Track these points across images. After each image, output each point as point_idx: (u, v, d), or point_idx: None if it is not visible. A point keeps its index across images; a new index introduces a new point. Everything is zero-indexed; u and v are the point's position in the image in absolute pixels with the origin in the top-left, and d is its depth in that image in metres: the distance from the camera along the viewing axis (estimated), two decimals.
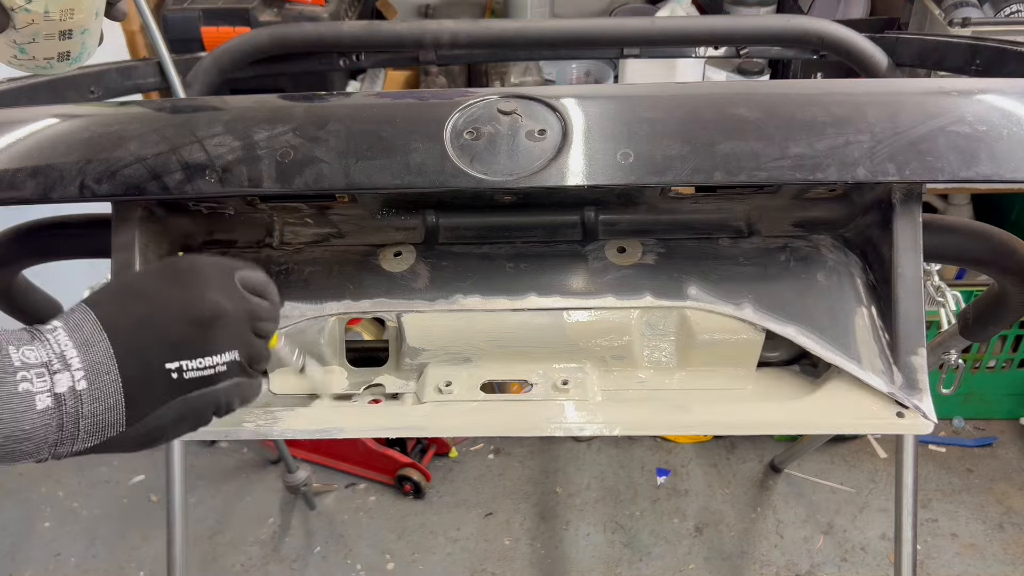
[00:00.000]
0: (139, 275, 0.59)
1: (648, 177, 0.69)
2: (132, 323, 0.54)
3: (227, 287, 0.59)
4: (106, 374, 0.52)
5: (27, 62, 0.78)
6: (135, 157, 0.71)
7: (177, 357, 0.55)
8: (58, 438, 0.51)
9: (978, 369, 2.11)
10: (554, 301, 0.82)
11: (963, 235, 0.84)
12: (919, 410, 0.76)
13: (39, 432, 0.50)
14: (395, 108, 0.76)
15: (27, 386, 0.49)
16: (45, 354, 0.50)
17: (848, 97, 0.72)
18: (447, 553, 1.95)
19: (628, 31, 1.27)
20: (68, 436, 0.51)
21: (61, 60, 0.79)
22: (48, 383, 0.50)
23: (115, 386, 0.52)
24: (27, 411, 0.49)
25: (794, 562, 1.90)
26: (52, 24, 0.74)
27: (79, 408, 0.51)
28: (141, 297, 0.56)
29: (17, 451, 0.50)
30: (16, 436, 0.49)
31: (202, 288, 0.57)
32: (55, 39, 0.76)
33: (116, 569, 1.95)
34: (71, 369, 0.51)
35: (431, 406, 0.82)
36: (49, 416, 0.50)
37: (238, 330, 0.59)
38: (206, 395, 0.57)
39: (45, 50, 0.77)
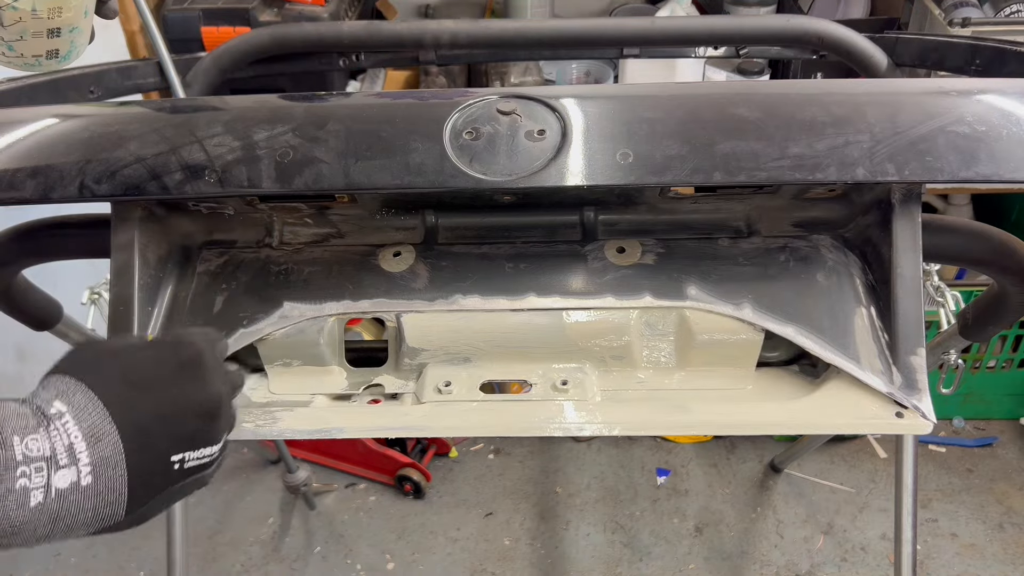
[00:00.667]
0: (141, 360, 0.57)
1: (648, 177, 0.69)
2: (141, 416, 0.53)
3: (220, 369, 0.60)
4: (113, 469, 0.51)
5: (15, 59, 0.78)
6: (135, 157, 0.71)
7: (182, 449, 0.55)
8: (49, 531, 0.49)
9: (978, 369, 2.11)
10: (553, 301, 0.82)
11: (963, 235, 0.84)
12: (918, 410, 0.76)
13: (28, 527, 0.48)
14: (395, 108, 0.76)
15: (24, 482, 0.47)
16: (50, 447, 0.48)
17: (848, 97, 0.72)
18: (447, 553, 1.95)
19: (628, 31, 1.27)
20: (61, 529, 0.49)
21: (50, 58, 0.79)
22: (45, 478, 0.48)
23: (122, 480, 0.51)
24: (20, 508, 0.47)
25: (794, 562, 1.90)
26: (40, 22, 0.74)
27: (81, 503, 0.49)
28: (149, 388, 0.54)
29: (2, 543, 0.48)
30: (4, 531, 0.47)
31: (207, 379, 0.57)
32: (43, 37, 0.76)
33: (116, 569, 1.95)
34: (79, 464, 0.49)
35: (431, 406, 0.82)
36: (41, 511, 0.48)
37: (231, 412, 0.60)
38: (199, 479, 0.58)
39: (33, 48, 0.77)
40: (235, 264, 0.87)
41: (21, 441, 0.47)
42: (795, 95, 0.74)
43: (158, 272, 0.83)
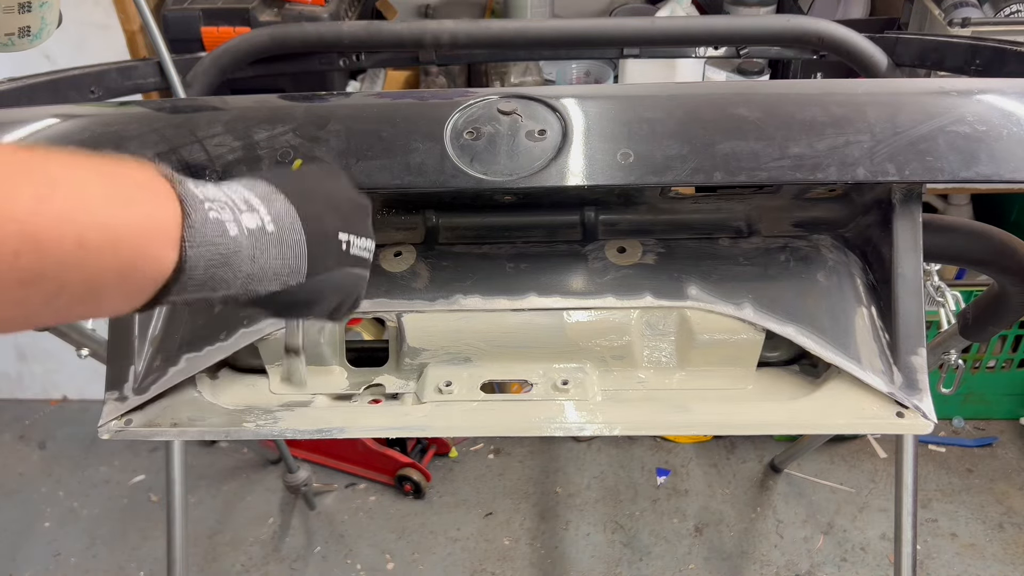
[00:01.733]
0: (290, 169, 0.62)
1: (648, 177, 0.69)
2: (307, 191, 0.56)
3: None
4: (290, 223, 0.54)
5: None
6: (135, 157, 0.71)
7: (347, 230, 0.59)
8: (251, 269, 0.52)
9: (978, 369, 2.11)
10: (554, 301, 0.82)
11: (963, 235, 0.84)
12: (919, 410, 0.76)
13: (234, 259, 0.50)
14: (395, 108, 0.76)
15: (216, 215, 0.49)
16: (225, 196, 0.51)
17: (848, 97, 0.72)
18: (447, 553, 1.95)
19: (628, 31, 1.27)
20: (259, 270, 0.52)
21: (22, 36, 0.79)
22: (233, 215, 0.51)
23: (300, 236, 0.54)
24: (223, 236, 0.49)
25: (794, 562, 1.90)
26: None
27: (269, 246, 0.52)
28: (306, 177, 0.59)
29: (216, 277, 0.50)
30: (215, 260, 0.49)
31: (350, 183, 0.62)
32: (15, 12, 0.76)
33: (116, 569, 1.95)
34: (259, 212, 0.52)
35: (431, 406, 0.82)
36: (240, 243, 0.51)
37: (371, 227, 0.63)
38: (359, 275, 0.61)
39: (6, 25, 0.77)
40: None
41: (196, 187, 0.50)
42: (795, 95, 0.74)
43: None
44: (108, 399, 0.80)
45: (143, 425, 0.79)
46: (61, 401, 2.41)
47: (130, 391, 0.80)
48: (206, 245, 0.49)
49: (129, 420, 0.79)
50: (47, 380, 2.38)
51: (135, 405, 0.80)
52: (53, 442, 2.28)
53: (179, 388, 0.81)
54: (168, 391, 0.80)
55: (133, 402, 0.80)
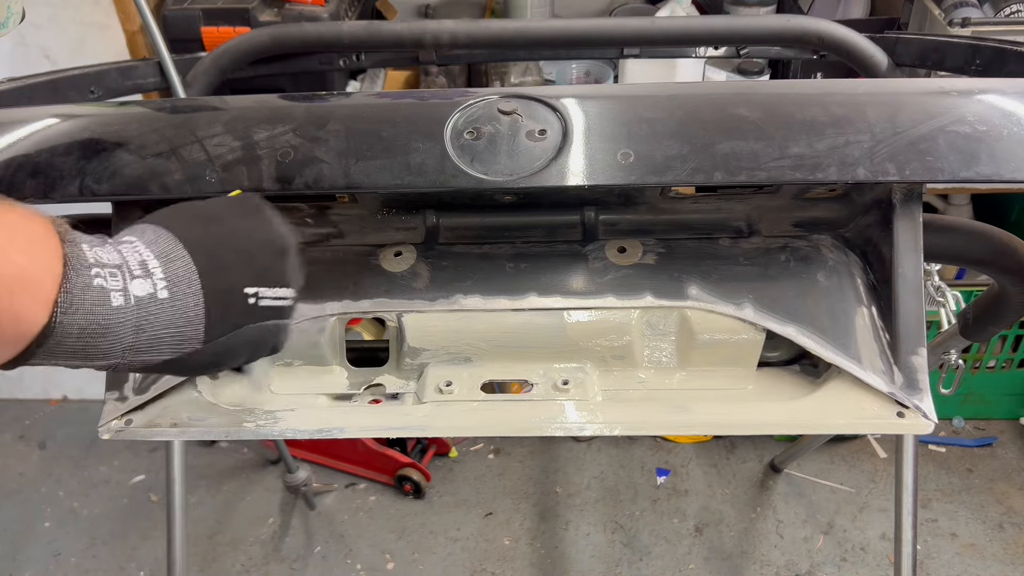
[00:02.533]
0: (206, 203, 0.58)
1: (648, 177, 0.69)
2: (212, 244, 0.54)
3: (287, 225, 0.60)
4: (187, 287, 0.51)
5: None
6: (135, 157, 0.71)
7: (255, 283, 0.55)
8: (134, 341, 0.49)
9: (978, 369, 2.11)
10: (554, 301, 0.82)
11: (963, 235, 0.84)
12: (919, 410, 0.76)
13: (115, 330, 0.48)
14: (395, 108, 0.76)
15: (101, 282, 0.47)
16: (120, 258, 0.49)
17: (848, 97, 0.72)
18: (447, 553, 1.95)
19: (628, 31, 1.27)
20: (145, 343, 0.50)
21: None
22: (122, 283, 0.48)
23: (197, 300, 0.52)
24: (102, 306, 0.47)
25: (794, 562, 1.90)
26: None
27: (159, 315, 0.50)
28: (219, 221, 0.56)
29: (93, 347, 0.48)
30: (91, 330, 0.47)
31: (274, 221, 0.58)
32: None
33: (116, 569, 1.95)
34: (153, 277, 0.50)
35: (431, 406, 0.82)
36: (125, 315, 0.48)
37: (298, 266, 0.60)
38: (272, 327, 0.57)
39: None
40: None
41: (90, 248, 0.48)
42: (795, 95, 0.74)
43: None
44: (108, 399, 0.80)
45: (143, 425, 0.79)
46: (61, 401, 2.41)
47: (130, 391, 0.80)
48: (82, 313, 0.46)
49: (129, 420, 0.79)
50: (47, 380, 2.38)
51: (135, 405, 0.80)
52: (53, 442, 2.28)
53: (179, 388, 0.81)
54: (168, 391, 0.80)
55: (133, 402, 0.80)
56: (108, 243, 0.50)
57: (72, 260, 0.47)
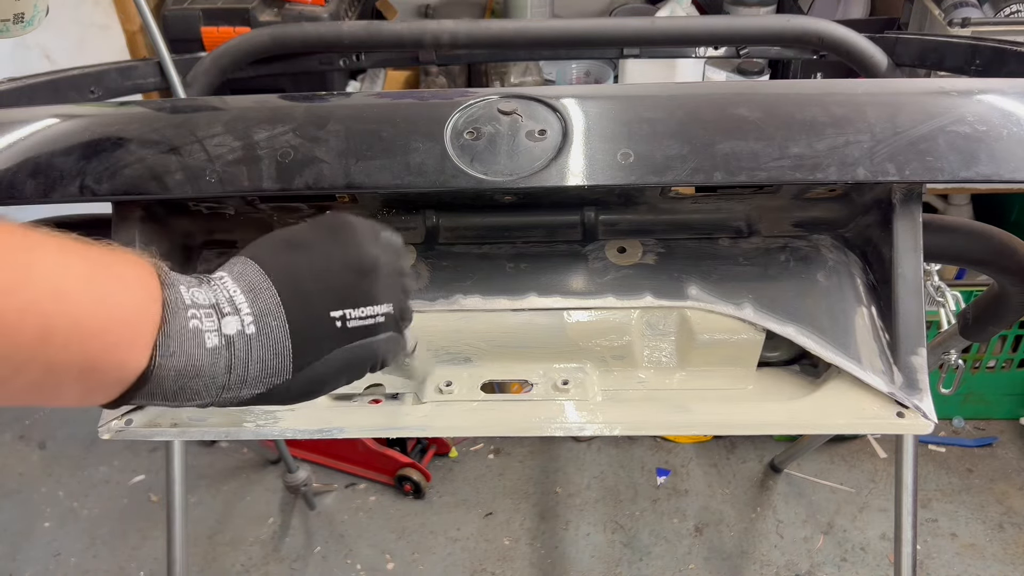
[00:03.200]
0: (295, 229, 0.58)
1: (648, 177, 0.69)
2: (296, 272, 0.54)
3: (379, 241, 0.60)
4: (274, 320, 0.52)
5: None
6: (135, 157, 0.71)
7: (341, 305, 0.55)
8: (227, 380, 0.50)
9: (978, 369, 2.11)
10: (554, 301, 0.82)
11: (963, 235, 0.84)
12: (919, 410, 0.76)
13: (209, 370, 0.49)
14: (395, 108, 0.76)
15: (197, 324, 0.48)
16: (213, 296, 0.50)
17: (848, 97, 0.72)
18: (447, 553, 1.95)
19: (628, 31, 1.27)
20: (236, 380, 0.51)
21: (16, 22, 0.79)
22: (216, 323, 0.49)
23: (283, 331, 0.52)
24: (199, 347, 0.48)
25: (794, 562, 1.90)
26: None
27: (249, 352, 0.51)
28: (301, 247, 0.56)
29: (187, 388, 0.49)
30: (187, 372, 0.48)
31: (359, 240, 0.58)
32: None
33: (116, 569, 1.95)
34: (240, 313, 0.51)
35: (431, 406, 0.82)
36: (218, 355, 0.49)
37: (392, 283, 0.60)
38: (366, 346, 0.57)
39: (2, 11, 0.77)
40: None
41: (187, 289, 0.50)
42: (795, 95, 0.74)
43: None
44: None
45: (143, 425, 0.79)
46: None
47: None
48: (180, 355, 0.48)
49: (129, 420, 0.79)
50: None
51: (135, 405, 0.80)
52: (53, 442, 2.28)
53: None
54: None
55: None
56: (203, 282, 0.52)
57: (170, 303, 0.48)
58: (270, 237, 0.58)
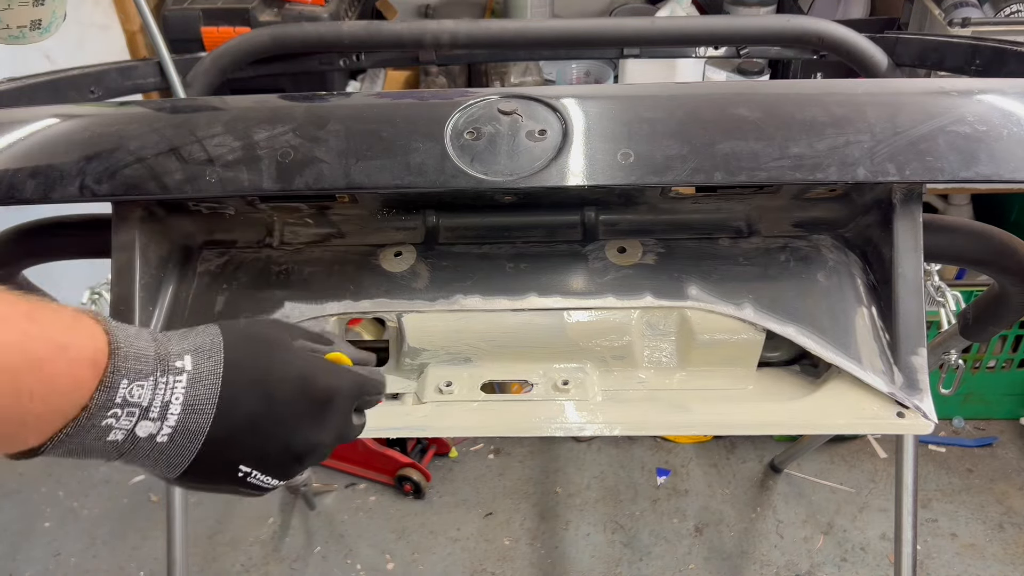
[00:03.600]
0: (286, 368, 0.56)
1: (648, 177, 0.69)
2: (243, 417, 0.54)
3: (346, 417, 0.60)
4: (188, 445, 0.52)
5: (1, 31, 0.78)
6: (135, 157, 0.71)
7: (254, 467, 0.56)
8: (112, 459, 0.52)
9: (978, 369, 2.11)
10: (554, 301, 0.82)
11: (963, 235, 0.84)
12: (919, 410, 0.76)
13: (98, 453, 0.51)
14: (395, 108, 0.76)
15: (111, 422, 0.49)
16: (151, 397, 0.50)
17: (848, 97, 0.72)
18: (447, 553, 1.95)
19: (628, 31, 1.27)
20: (121, 460, 0.52)
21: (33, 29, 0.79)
22: (131, 423, 0.50)
23: (188, 459, 0.53)
24: (97, 440, 0.50)
25: (794, 562, 1.90)
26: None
27: (148, 453, 0.52)
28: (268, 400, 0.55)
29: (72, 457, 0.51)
30: (76, 452, 0.50)
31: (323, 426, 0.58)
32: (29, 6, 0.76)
33: (116, 569, 1.95)
34: (165, 423, 0.51)
35: (432, 406, 0.82)
36: (115, 448, 0.51)
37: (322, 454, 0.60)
38: (251, 494, 0.59)
39: (19, 17, 0.77)
40: (236, 264, 0.87)
41: (128, 384, 0.49)
42: (795, 95, 0.74)
43: (159, 272, 0.83)
44: None
45: None
46: None
47: None
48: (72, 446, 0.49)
49: None
50: None
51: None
52: None
53: None
54: None
55: None
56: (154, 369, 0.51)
57: (93, 406, 0.48)
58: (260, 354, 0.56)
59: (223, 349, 0.54)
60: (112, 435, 0.50)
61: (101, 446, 0.50)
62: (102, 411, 0.49)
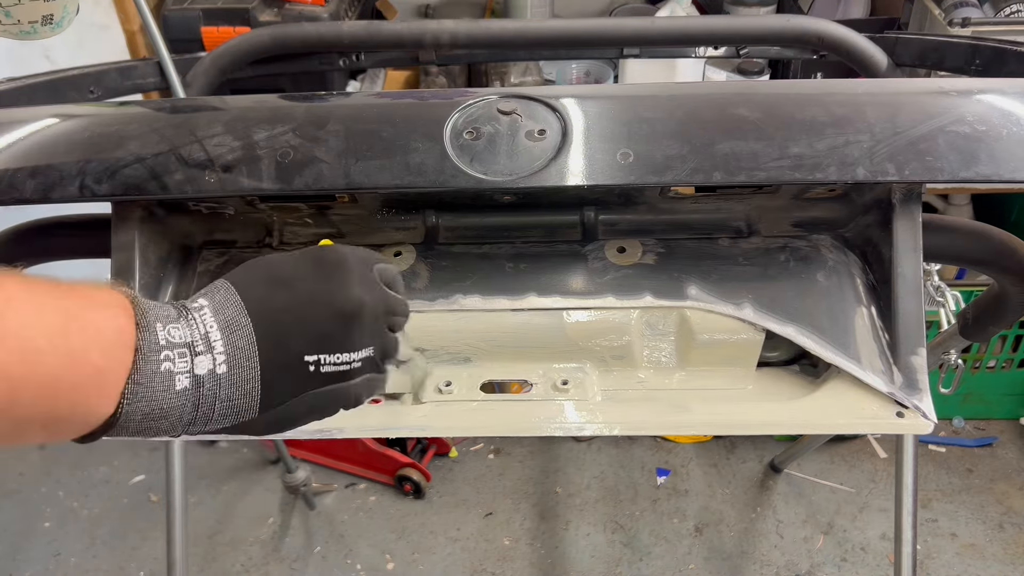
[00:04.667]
0: (284, 260, 0.57)
1: (648, 177, 0.69)
2: (276, 310, 0.53)
3: (368, 281, 0.59)
4: (247, 360, 0.52)
5: (11, 26, 0.77)
6: (135, 157, 0.71)
7: (317, 351, 0.54)
8: (193, 417, 0.50)
9: (978, 369, 2.11)
10: (554, 301, 0.82)
11: (963, 235, 0.84)
12: (919, 410, 0.76)
13: (176, 411, 0.49)
14: (395, 108, 0.76)
15: (169, 366, 0.49)
16: (189, 333, 0.50)
17: (848, 97, 0.72)
18: (447, 553, 1.95)
19: (628, 31, 1.27)
20: (202, 417, 0.51)
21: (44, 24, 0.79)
22: (188, 364, 0.49)
23: (254, 373, 0.52)
24: (167, 391, 0.48)
25: (794, 562, 1.90)
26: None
27: (217, 391, 0.51)
28: (286, 285, 0.55)
29: (154, 427, 0.49)
30: (155, 414, 0.49)
31: (347, 282, 0.57)
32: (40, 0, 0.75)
33: (116, 569, 1.95)
34: (214, 352, 0.50)
35: (431, 406, 0.82)
36: (187, 397, 0.49)
37: (376, 327, 0.58)
38: (338, 390, 0.57)
39: (30, 13, 0.76)
40: (235, 264, 0.87)
41: (163, 328, 0.49)
42: (795, 95, 0.74)
43: (158, 272, 0.83)
44: None
45: None
46: None
47: None
48: (147, 399, 0.48)
49: None
50: None
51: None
52: None
53: None
54: None
55: None
56: (181, 315, 0.51)
57: (143, 347, 0.48)
58: (257, 265, 0.57)
59: (226, 279, 0.55)
60: (179, 382, 0.49)
61: (174, 400, 0.49)
62: (153, 353, 0.48)
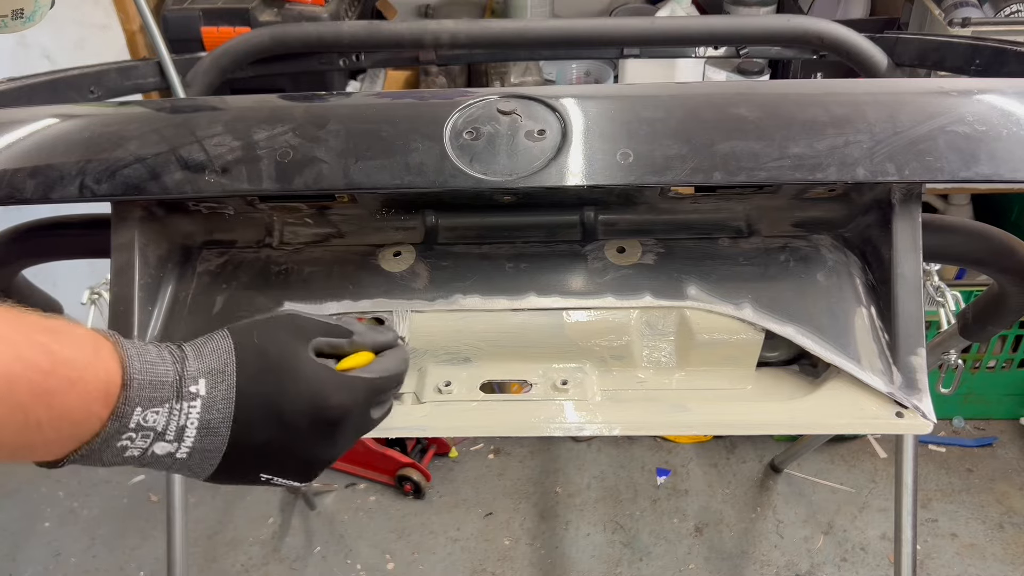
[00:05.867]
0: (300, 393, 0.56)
1: (648, 177, 0.69)
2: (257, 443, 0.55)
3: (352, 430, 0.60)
4: (207, 460, 0.54)
5: None
6: (135, 157, 0.71)
7: (276, 475, 0.58)
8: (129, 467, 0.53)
9: (978, 369, 2.11)
10: (554, 301, 0.82)
11: (963, 235, 0.84)
12: (918, 410, 0.76)
13: (119, 465, 0.52)
14: (395, 108, 0.76)
15: (126, 443, 0.50)
16: (166, 423, 0.51)
17: (848, 97, 0.72)
18: (447, 553, 1.95)
19: (628, 31, 1.27)
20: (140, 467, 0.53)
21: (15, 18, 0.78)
22: (147, 444, 0.51)
23: (208, 468, 0.55)
24: (114, 458, 0.51)
25: (794, 562, 1.90)
26: None
27: (168, 465, 0.53)
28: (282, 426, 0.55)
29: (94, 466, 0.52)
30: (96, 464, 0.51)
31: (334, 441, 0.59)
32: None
33: (116, 569, 1.95)
34: (182, 444, 0.52)
35: (431, 406, 0.82)
36: (133, 461, 0.52)
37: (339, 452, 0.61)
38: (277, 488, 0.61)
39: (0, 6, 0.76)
40: (235, 264, 0.87)
41: (142, 412, 0.50)
42: (795, 95, 0.74)
43: (158, 272, 0.83)
44: None
45: None
46: None
47: None
48: (93, 460, 0.50)
49: None
50: None
51: None
52: None
53: None
54: None
55: None
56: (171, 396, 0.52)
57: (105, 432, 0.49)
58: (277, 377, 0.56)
59: (236, 371, 0.54)
60: (129, 452, 0.51)
61: (120, 461, 0.51)
62: (115, 437, 0.49)
